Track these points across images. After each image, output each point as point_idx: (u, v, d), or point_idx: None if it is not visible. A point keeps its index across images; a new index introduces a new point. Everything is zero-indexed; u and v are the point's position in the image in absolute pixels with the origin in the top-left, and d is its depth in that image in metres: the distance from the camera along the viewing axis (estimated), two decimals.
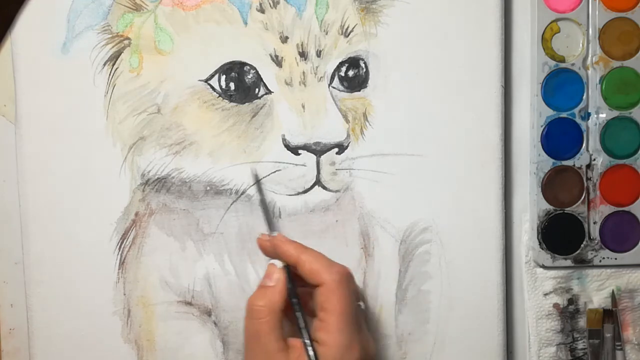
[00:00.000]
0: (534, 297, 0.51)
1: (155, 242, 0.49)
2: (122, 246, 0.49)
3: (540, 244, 0.50)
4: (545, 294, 0.51)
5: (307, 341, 0.41)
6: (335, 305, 0.42)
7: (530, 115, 0.50)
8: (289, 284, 0.43)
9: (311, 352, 0.40)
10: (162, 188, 0.49)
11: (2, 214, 0.50)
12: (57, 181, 0.48)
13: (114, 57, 0.48)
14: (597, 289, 0.51)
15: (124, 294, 0.49)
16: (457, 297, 0.50)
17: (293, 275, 0.44)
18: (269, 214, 0.47)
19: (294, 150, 0.48)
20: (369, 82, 0.49)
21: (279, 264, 0.44)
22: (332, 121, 0.48)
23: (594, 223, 0.51)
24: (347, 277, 0.43)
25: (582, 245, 0.50)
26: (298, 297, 0.43)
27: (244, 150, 0.48)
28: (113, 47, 0.48)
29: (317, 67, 0.48)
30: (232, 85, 0.48)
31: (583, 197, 0.50)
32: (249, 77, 0.48)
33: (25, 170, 0.48)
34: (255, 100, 0.48)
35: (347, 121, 0.49)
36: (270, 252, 0.45)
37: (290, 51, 0.48)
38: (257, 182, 0.47)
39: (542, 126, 0.50)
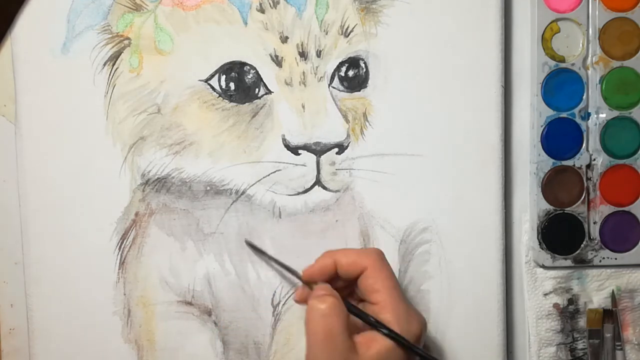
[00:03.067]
0: (534, 297, 0.51)
1: (155, 242, 0.49)
2: (122, 246, 0.49)
3: (540, 244, 0.50)
4: (545, 294, 0.51)
5: (385, 330, 0.41)
6: (385, 281, 0.43)
7: (530, 115, 0.50)
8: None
9: (390, 340, 0.41)
10: (162, 188, 0.49)
11: (2, 214, 0.50)
12: (57, 181, 0.49)
13: (114, 57, 0.48)
14: (597, 289, 0.51)
15: (124, 294, 0.49)
16: (457, 297, 0.50)
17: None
18: (286, 266, 0.47)
19: (294, 150, 0.48)
20: (369, 82, 0.49)
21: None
22: (332, 121, 0.48)
23: (594, 223, 0.51)
24: (383, 255, 0.44)
25: (582, 245, 0.50)
26: (349, 302, 0.44)
27: (244, 150, 0.48)
28: (113, 47, 0.48)
29: (317, 67, 0.48)
30: (232, 85, 0.48)
31: (583, 197, 0.50)
32: (249, 77, 0.48)
33: (25, 170, 0.48)
34: (255, 100, 0.48)
35: (347, 121, 0.49)
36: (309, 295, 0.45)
37: (290, 51, 0.48)
38: (260, 251, 0.49)
39: (542, 126, 0.50)
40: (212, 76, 0.48)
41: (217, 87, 0.48)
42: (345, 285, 0.45)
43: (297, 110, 0.48)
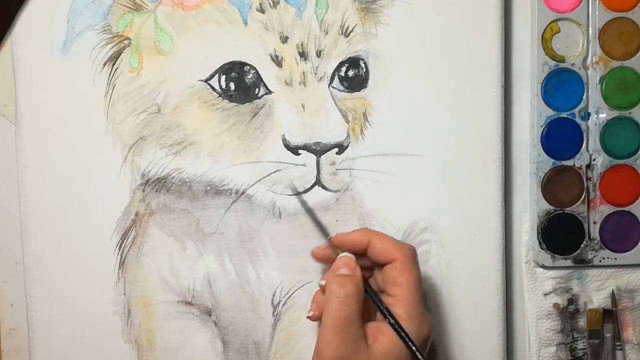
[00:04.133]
0: (534, 297, 0.51)
1: (155, 242, 0.49)
2: (122, 246, 0.49)
3: (540, 244, 0.50)
4: (545, 294, 0.51)
5: (391, 320, 0.41)
6: (410, 279, 0.42)
7: (530, 115, 0.50)
8: None
9: (400, 334, 0.41)
10: (162, 188, 0.49)
11: (2, 214, 0.50)
12: (57, 181, 0.49)
13: (114, 57, 0.48)
14: (597, 289, 0.51)
15: (124, 294, 0.49)
16: (457, 297, 0.50)
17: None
18: (320, 224, 0.48)
19: (294, 150, 0.48)
20: (369, 82, 0.49)
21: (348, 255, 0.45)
22: (332, 121, 0.48)
23: (594, 223, 0.51)
24: (416, 254, 0.44)
25: (582, 245, 0.50)
26: (369, 284, 0.44)
27: (244, 150, 0.48)
28: (113, 47, 0.48)
29: (317, 67, 0.48)
30: (232, 85, 0.48)
31: (583, 197, 0.50)
32: (249, 77, 0.48)
33: (25, 170, 0.48)
34: (255, 100, 0.48)
35: (347, 121, 0.49)
36: (329, 258, 0.46)
37: (290, 51, 0.48)
38: (303, 203, 0.48)
39: (542, 126, 0.50)
40: (212, 76, 0.48)
41: (217, 87, 0.48)
42: (367, 267, 0.45)
43: (297, 110, 0.48)
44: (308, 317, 0.45)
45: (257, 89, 0.48)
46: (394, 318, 0.41)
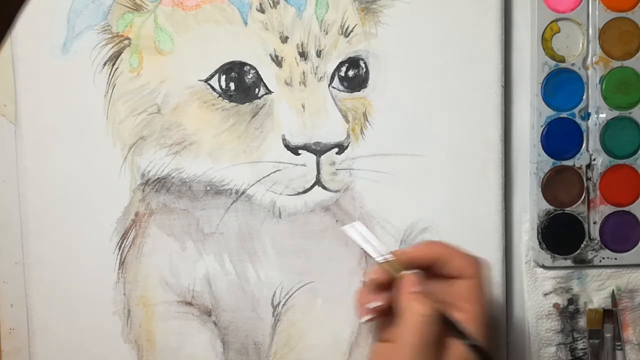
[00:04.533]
0: (534, 297, 0.51)
1: (155, 242, 0.49)
2: (122, 246, 0.49)
3: (540, 244, 0.50)
4: (545, 294, 0.51)
5: (471, 343, 0.39)
6: (481, 298, 0.40)
7: (530, 115, 0.50)
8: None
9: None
10: (162, 188, 0.49)
11: (2, 214, 0.50)
12: (57, 181, 0.49)
13: (114, 57, 0.48)
14: (597, 289, 0.51)
15: (124, 294, 0.49)
16: None
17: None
18: (373, 243, 0.44)
19: (294, 150, 0.48)
20: (369, 82, 0.49)
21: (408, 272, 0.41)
22: (332, 121, 0.48)
23: (594, 223, 0.51)
24: (488, 269, 0.42)
25: (582, 245, 0.50)
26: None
27: (244, 150, 0.48)
28: (113, 47, 0.48)
29: (317, 67, 0.48)
30: (232, 85, 0.48)
31: (583, 197, 0.50)
32: (249, 77, 0.48)
33: (25, 170, 0.48)
34: (255, 100, 0.48)
35: (347, 121, 0.49)
36: (384, 281, 0.41)
37: (290, 51, 0.48)
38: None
39: (542, 126, 0.50)
40: (212, 76, 0.48)
41: (217, 87, 0.48)
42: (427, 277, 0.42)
43: (297, 110, 0.48)
44: (365, 322, 0.41)
45: (257, 89, 0.48)
46: (478, 342, 0.39)
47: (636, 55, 0.50)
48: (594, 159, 0.50)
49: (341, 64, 0.48)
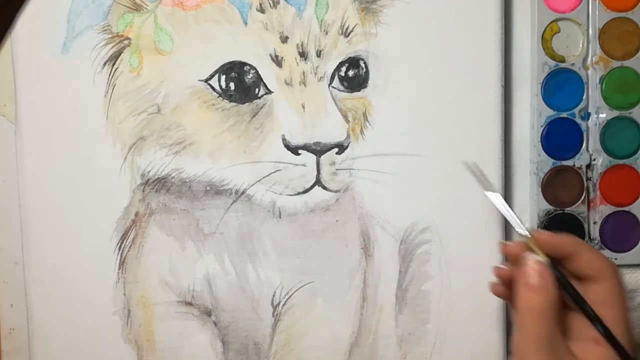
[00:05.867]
0: None
1: (155, 242, 0.49)
2: (122, 246, 0.49)
3: None
4: None
5: (604, 332, 0.36)
6: (622, 301, 0.37)
7: (530, 115, 0.50)
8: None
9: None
10: (162, 188, 0.49)
11: (2, 214, 0.50)
12: (57, 181, 0.48)
13: (114, 57, 0.48)
14: None
15: (124, 294, 0.49)
16: (457, 297, 0.50)
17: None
18: (513, 216, 0.41)
19: (294, 150, 0.48)
20: (369, 82, 0.49)
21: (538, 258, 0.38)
22: (332, 121, 0.48)
23: (594, 223, 0.51)
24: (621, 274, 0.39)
25: None
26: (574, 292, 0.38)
27: (244, 150, 0.48)
28: (113, 47, 0.48)
29: (317, 67, 0.48)
30: (232, 85, 0.48)
31: (583, 197, 0.50)
32: (249, 77, 0.48)
33: (25, 170, 0.48)
34: (255, 100, 0.48)
35: (347, 121, 0.49)
36: (517, 254, 0.39)
37: (290, 51, 0.48)
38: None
39: (542, 126, 0.50)
40: (212, 76, 0.48)
41: (217, 87, 0.48)
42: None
43: (297, 110, 0.48)
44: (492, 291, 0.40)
45: (257, 89, 0.48)
46: (606, 328, 0.36)
47: (636, 55, 0.50)
48: (594, 159, 0.50)
49: (341, 64, 0.48)
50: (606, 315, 0.36)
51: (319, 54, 0.48)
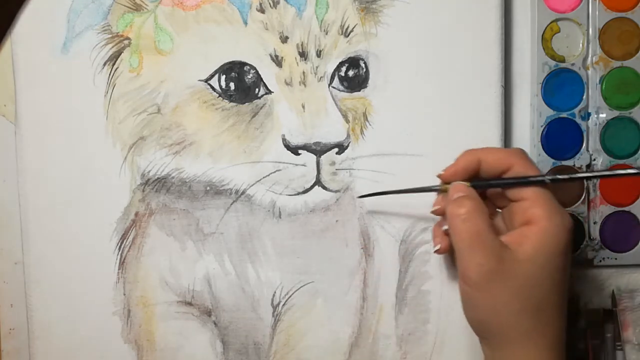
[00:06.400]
0: None
1: (155, 242, 0.49)
2: (122, 246, 0.49)
3: None
4: None
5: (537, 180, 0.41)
6: (535, 171, 0.42)
7: (530, 115, 0.50)
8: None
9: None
10: (162, 188, 0.49)
11: (2, 214, 0.50)
12: (57, 181, 0.48)
13: (114, 57, 0.48)
14: (597, 289, 0.51)
15: (124, 294, 0.49)
16: (457, 297, 0.50)
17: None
18: (419, 188, 0.46)
19: (294, 150, 0.48)
20: (369, 82, 0.49)
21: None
22: (332, 121, 0.48)
23: (594, 223, 0.51)
24: (527, 154, 0.43)
25: (582, 246, 0.50)
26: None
27: (244, 150, 0.48)
28: (113, 47, 0.48)
29: (317, 67, 0.48)
30: (232, 85, 0.48)
31: (583, 197, 0.50)
32: (249, 77, 0.48)
33: (25, 170, 0.48)
34: (255, 100, 0.48)
35: (347, 121, 0.49)
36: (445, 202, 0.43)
37: (290, 51, 0.48)
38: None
39: (542, 126, 0.50)
40: (212, 76, 0.48)
41: (217, 87, 0.48)
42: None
43: (297, 110, 0.48)
44: (435, 252, 0.44)
45: (257, 89, 0.48)
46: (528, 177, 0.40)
47: (636, 55, 0.50)
48: (594, 159, 0.50)
49: (341, 64, 0.48)
50: (528, 194, 0.41)
51: (319, 54, 0.48)
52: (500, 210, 0.45)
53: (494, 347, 0.41)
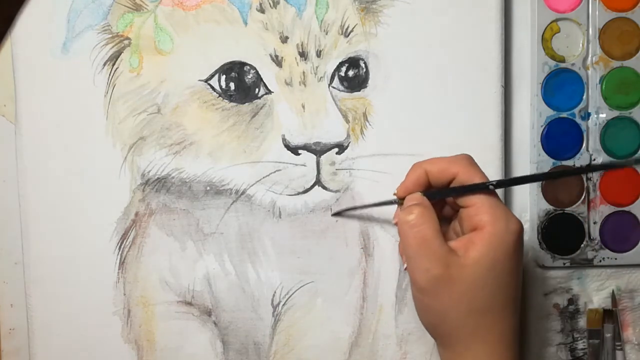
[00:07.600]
0: (534, 297, 0.51)
1: (155, 242, 0.49)
2: (122, 246, 0.49)
3: (540, 244, 0.50)
4: (545, 294, 0.51)
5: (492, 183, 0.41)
6: (480, 176, 0.42)
7: (530, 115, 0.50)
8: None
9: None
10: (162, 188, 0.49)
11: (2, 214, 0.50)
12: (57, 181, 0.48)
13: (114, 57, 0.48)
14: (597, 289, 0.51)
15: (124, 294, 0.49)
16: None
17: None
18: (380, 202, 0.47)
19: (294, 150, 0.48)
20: (369, 82, 0.49)
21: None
22: (332, 121, 0.48)
23: (594, 223, 0.51)
24: (473, 160, 0.43)
25: (582, 245, 0.50)
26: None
27: (244, 150, 0.48)
28: (113, 47, 0.48)
29: (317, 67, 0.48)
30: (232, 85, 0.48)
31: (583, 197, 0.50)
32: (249, 77, 0.48)
33: (25, 170, 0.48)
34: (255, 100, 0.48)
35: (347, 121, 0.49)
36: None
37: (290, 51, 0.48)
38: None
39: (542, 126, 0.50)
40: (212, 76, 0.48)
41: (217, 87, 0.48)
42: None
43: (297, 110, 0.48)
44: (406, 270, 0.44)
45: (257, 89, 0.48)
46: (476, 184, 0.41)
47: (636, 55, 0.50)
48: (594, 159, 0.50)
49: (341, 64, 0.48)
50: (473, 201, 0.41)
51: (319, 54, 0.48)
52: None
53: (446, 347, 0.42)
